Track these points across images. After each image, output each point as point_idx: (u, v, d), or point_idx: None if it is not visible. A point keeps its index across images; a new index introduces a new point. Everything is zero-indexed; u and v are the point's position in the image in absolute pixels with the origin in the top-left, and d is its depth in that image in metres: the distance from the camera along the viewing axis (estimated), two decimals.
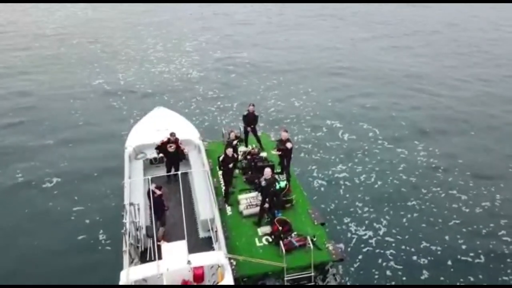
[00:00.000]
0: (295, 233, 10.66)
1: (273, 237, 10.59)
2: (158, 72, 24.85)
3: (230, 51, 28.38)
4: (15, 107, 19.95)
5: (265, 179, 10.79)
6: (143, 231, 10.15)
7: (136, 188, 11.71)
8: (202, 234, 10.75)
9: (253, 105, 14.21)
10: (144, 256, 9.70)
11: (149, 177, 10.95)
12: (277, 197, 11.12)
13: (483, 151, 16.74)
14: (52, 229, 12.46)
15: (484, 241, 12.04)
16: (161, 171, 12.59)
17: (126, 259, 8.92)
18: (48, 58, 26.89)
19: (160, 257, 8.59)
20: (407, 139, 17.58)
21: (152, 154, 13.39)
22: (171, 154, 12.59)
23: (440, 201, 13.76)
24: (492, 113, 20.11)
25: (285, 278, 9.78)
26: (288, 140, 12.35)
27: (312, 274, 9.89)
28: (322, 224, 11.36)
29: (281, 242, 10.23)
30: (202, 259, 8.62)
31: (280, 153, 12.40)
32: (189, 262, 8.26)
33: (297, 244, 10.29)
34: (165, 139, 12.54)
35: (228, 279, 8.40)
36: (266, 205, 10.90)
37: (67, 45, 29.25)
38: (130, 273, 8.11)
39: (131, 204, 9.78)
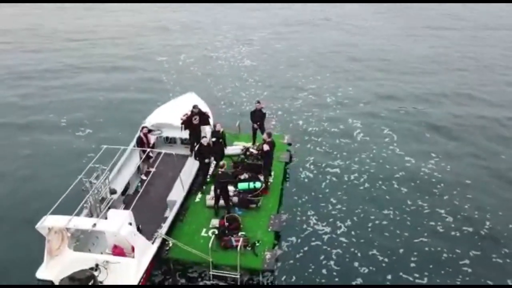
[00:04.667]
0: (242, 233, 10.98)
1: (219, 231, 11.03)
2: (215, 57, 26.62)
3: (290, 44, 28.70)
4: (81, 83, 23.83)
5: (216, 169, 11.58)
6: (112, 194, 11.22)
7: (133, 159, 13.30)
8: (167, 213, 11.74)
9: (259, 102, 14.46)
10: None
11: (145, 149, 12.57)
12: (225, 192, 11.59)
13: (496, 178, 14.55)
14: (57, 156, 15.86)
15: (438, 267, 10.93)
16: (172, 150, 13.30)
17: (83, 214, 10.41)
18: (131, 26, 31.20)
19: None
20: (423, 150, 16.16)
21: (168, 133, 14.58)
22: (194, 127, 13.20)
23: (419, 216, 12.70)
24: None
25: (211, 273, 10.25)
26: (268, 142, 12.47)
27: (238, 276, 10.13)
28: (276, 232, 11.44)
29: (214, 236, 10.70)
30: (105, 225, 9.46)
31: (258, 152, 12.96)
32: (94, 225, 9.27)
33: (234, 243, 10.56)
34: (189, 113, 13.20)
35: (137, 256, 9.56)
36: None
37: (148, 27, 32.81)
38: (47, 219, 9.32)
39: (98, 167, 10.73)
